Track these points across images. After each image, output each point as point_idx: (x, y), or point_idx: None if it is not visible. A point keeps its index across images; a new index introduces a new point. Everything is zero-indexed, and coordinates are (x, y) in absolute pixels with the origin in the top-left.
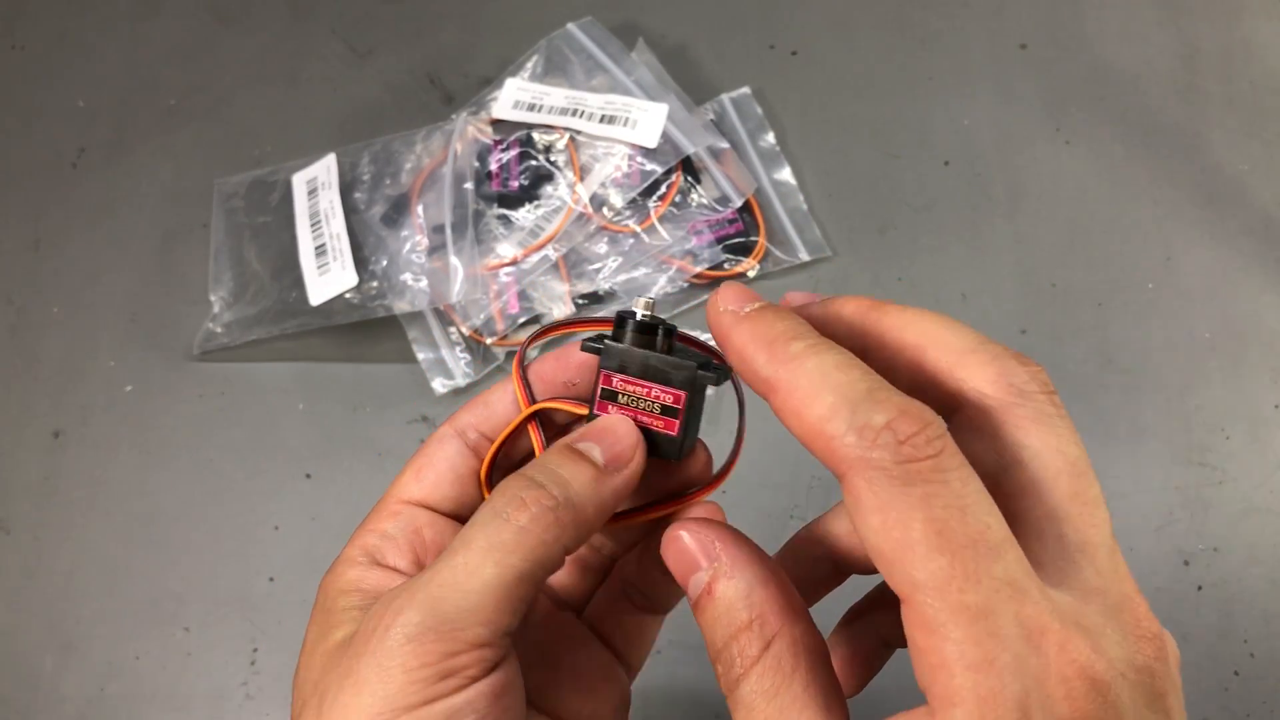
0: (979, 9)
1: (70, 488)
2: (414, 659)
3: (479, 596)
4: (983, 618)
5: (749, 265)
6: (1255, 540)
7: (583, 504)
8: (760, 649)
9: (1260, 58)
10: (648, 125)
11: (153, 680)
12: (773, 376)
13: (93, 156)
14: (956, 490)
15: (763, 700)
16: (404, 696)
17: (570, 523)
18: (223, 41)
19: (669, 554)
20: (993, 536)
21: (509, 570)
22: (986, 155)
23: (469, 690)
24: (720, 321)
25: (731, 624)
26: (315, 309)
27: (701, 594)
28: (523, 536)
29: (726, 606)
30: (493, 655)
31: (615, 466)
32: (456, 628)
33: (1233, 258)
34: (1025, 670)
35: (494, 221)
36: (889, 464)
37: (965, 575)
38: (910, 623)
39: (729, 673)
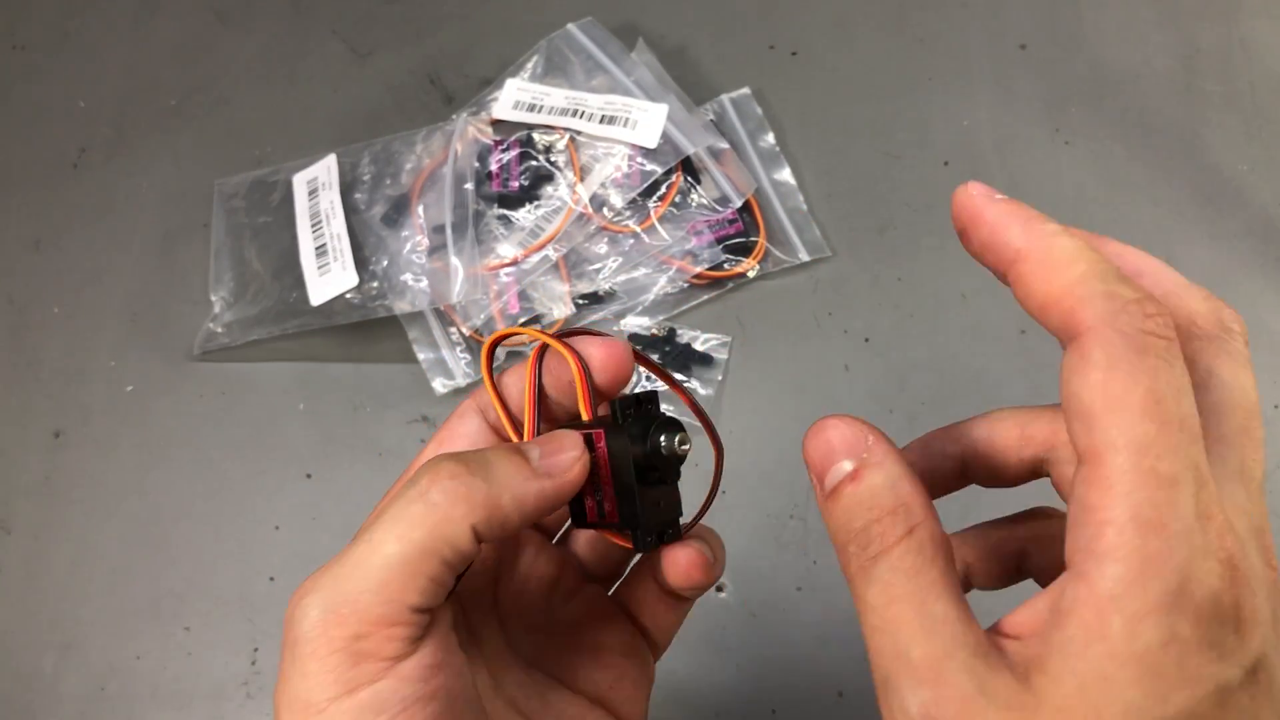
0: (979, 9)
1: (70, 488)
2: (322, 645)
3: (380, 573)
4: (1169, 485)
5: (749, 265)
6: None
7: (499, 490)
8: (904, 532)
9: (1259, 58)
10: (648, 125)
11: (153, 680)
12: (1026, 245)
13: (93, 156)
14: (1179, 376)
15: (903, 577)
16: (323, 688)
17: (482, 503)
18: (223, 41)
19: (813, 445)
20: (1195, 424)
21: (411, 545)
22: (986, 155)
23: (390, 676)
24: (972, 202)
25: (875, 507)
26: (316, 309)
27: (844, 480)
28: (429, 510)
29: (871, 492)
30: (405, 633)
31: (547, 472)
32: (359, 608)
33: (1233, 258)
34: (1193, 541)
35: (494, 222)
36: (1131, 330)
37: (1166, 445)
38: (1088, 481)
39: (864, 552)
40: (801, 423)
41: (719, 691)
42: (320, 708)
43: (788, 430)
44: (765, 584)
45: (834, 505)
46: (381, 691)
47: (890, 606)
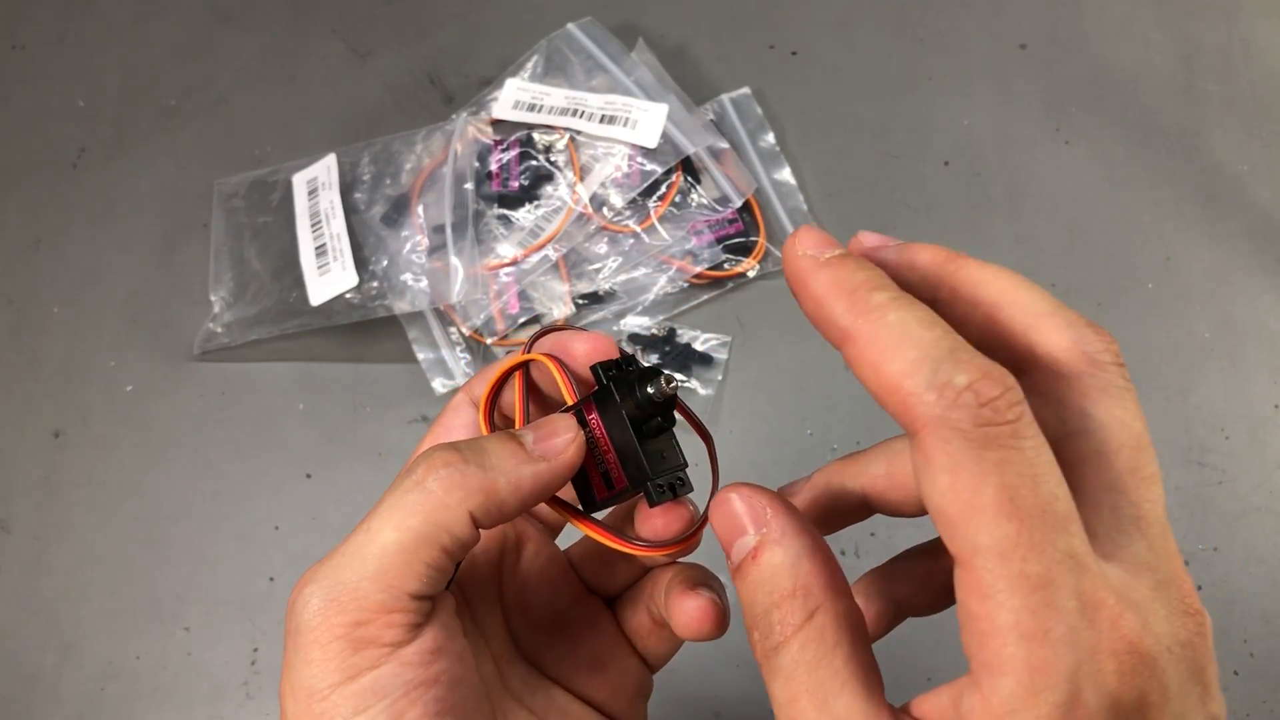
0: (979, 9)
1: (70, 488)
2: (324, 633)
3: (378, 560)
4: (1042, 588)
5: (749, 265)
6: (1255, 540)
7: (494, 475)
8: (803, 619)
9: (1259, 58)
10: (648, 125)
11: (153, 680)
12: (851, 327)
13: (93, 156)
14: (1030, 459)
15: (803, 670)
16: (325, 675)
17: (478, 489)
18: (223, 41)
19: (717, 516)
20: (1060, 508)
21: (408, 533)
22: (986, 155)
23: (391, 661)
24: (798, 266)
25: (775, 591)
26: (315, 309)
27: (745, 559)
28: (425, 498)
29: (771, 573)
30: (405, 619)
31: (543, 455)
32: (358, 596)
33: (1233, 258)
34: (1079, 643)
35: (494, 221)
36: (967, 425)
37: (1030, 544)
38: (965, 586)
39: (766, 640)
40: (802, 422)
41: (719, 691)
42: (323, 694)
43: (787, 430)
44: None
45: (740, 582)
46: (382, 677)
47: (793, 703)
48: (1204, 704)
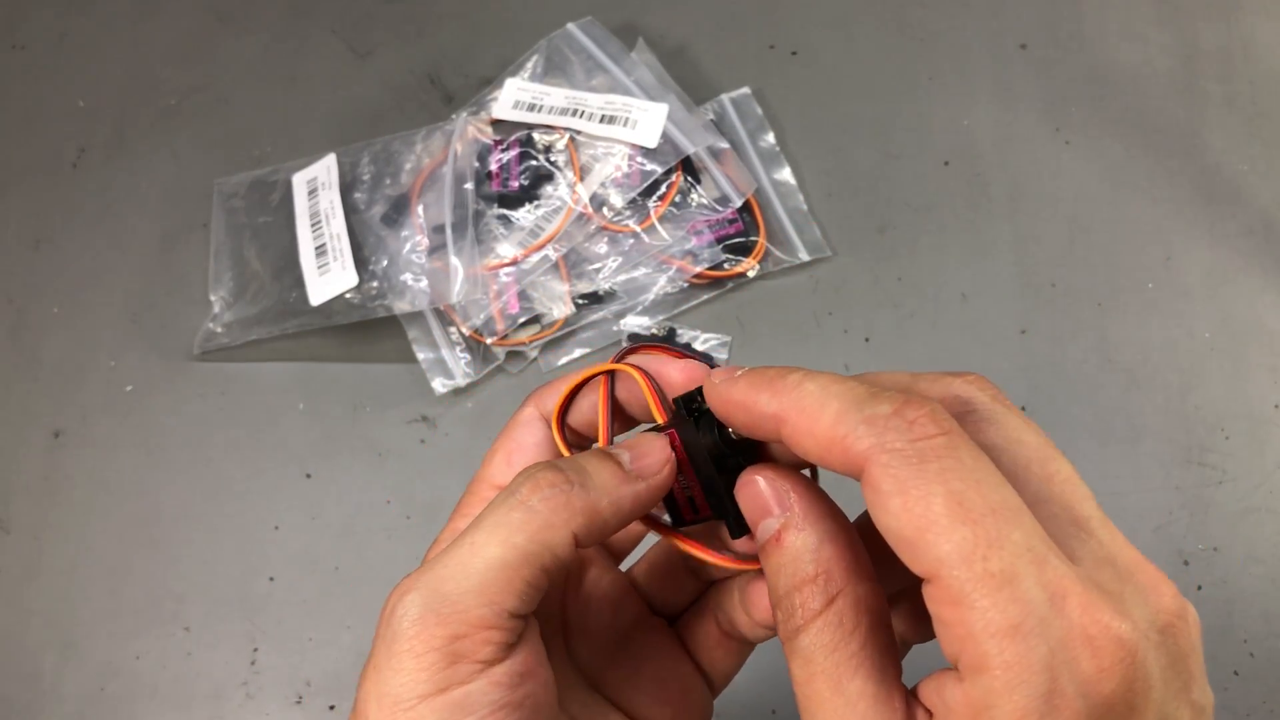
0: (979, 9)
1: (70, 488)
2: (420, 643)
3: (481, 576)
4: (1007, 584)
5: (749, 265)
6: (1255, 540)
7: (598, 495)
8: (823, 604)
9: (1260, 58)
10: (648, 125)
11: (153, 680)
12: (779, 408)
13: (93, 156)
14: (969, 464)
15: (821, 654)
16: (415, 685)
17: (581, 509)
18: (223, 41)
19: (744, 495)
20: (1010, 504)
21: (513, 550)
22: (986, 155)
23: (482, 678)
24: (717, 390)
25: (796, 575)
26: (315, 309)
27: (770, 540)
28: (530, 516)
29: (793, 557)
30: (501, 637)
31: (640, 474)
32: (459, 609)
33: (1233, 258)
34: (1050, 633)
35: (494, 221)
36: (903, 445)
37: (989, 543)
38: (935, 599)
39: (788, 621)
40: None
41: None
42: (409, 704)
43: None
44: None
45: (765, 563)
46: (472, 693)
47: (810, 683)
48: (1188, 692)
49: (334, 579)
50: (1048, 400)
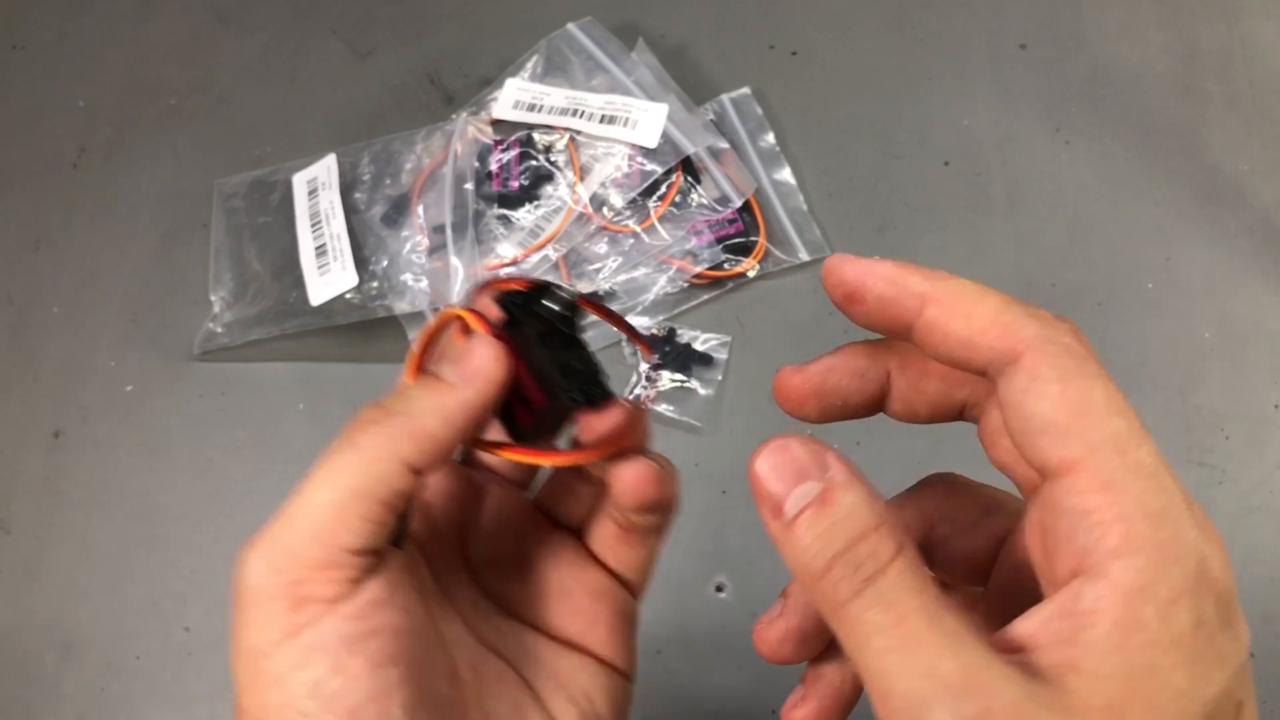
0: (979, 9)
1: (70, 488)
2: (263, 594)
3: (311, 520)
4: (1156, 476)
5: (749, 265)
6: (1255, 540)
7: (421, 416)
8: (895, 549)
9: (1260, 58)
10: (648, 125)
11: (153, 680)
12: (931, 289)
13: (93, 156)
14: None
15: (908, 593)
16: (268, 634)
17: (407, 434)
18: (223, 41)
19: (772, 463)
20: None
21: (340, 490)
22: (986, 155)
23: (331, 616)
24: (853, 265)
25: (856, 528)
26: (316, 309)
27: (812, 504)
28: (355, 454)
29: (848, 512)
30: (343, 574)
31: (467, 380)
32: (295, 554)
33: (1233, 258)
34: (1196, 520)
35: (494, 221)
36: (1068, 343)
37: (1140, 438)
38: (1077, 489)
39: (854, 575)
40: (801, 423)
41: (719, 691)
42: (266, 654)
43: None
44: (765, 584)
45: (801, 532)
46: (322, 631)
47: (903, 624)
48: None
49: None
50: None
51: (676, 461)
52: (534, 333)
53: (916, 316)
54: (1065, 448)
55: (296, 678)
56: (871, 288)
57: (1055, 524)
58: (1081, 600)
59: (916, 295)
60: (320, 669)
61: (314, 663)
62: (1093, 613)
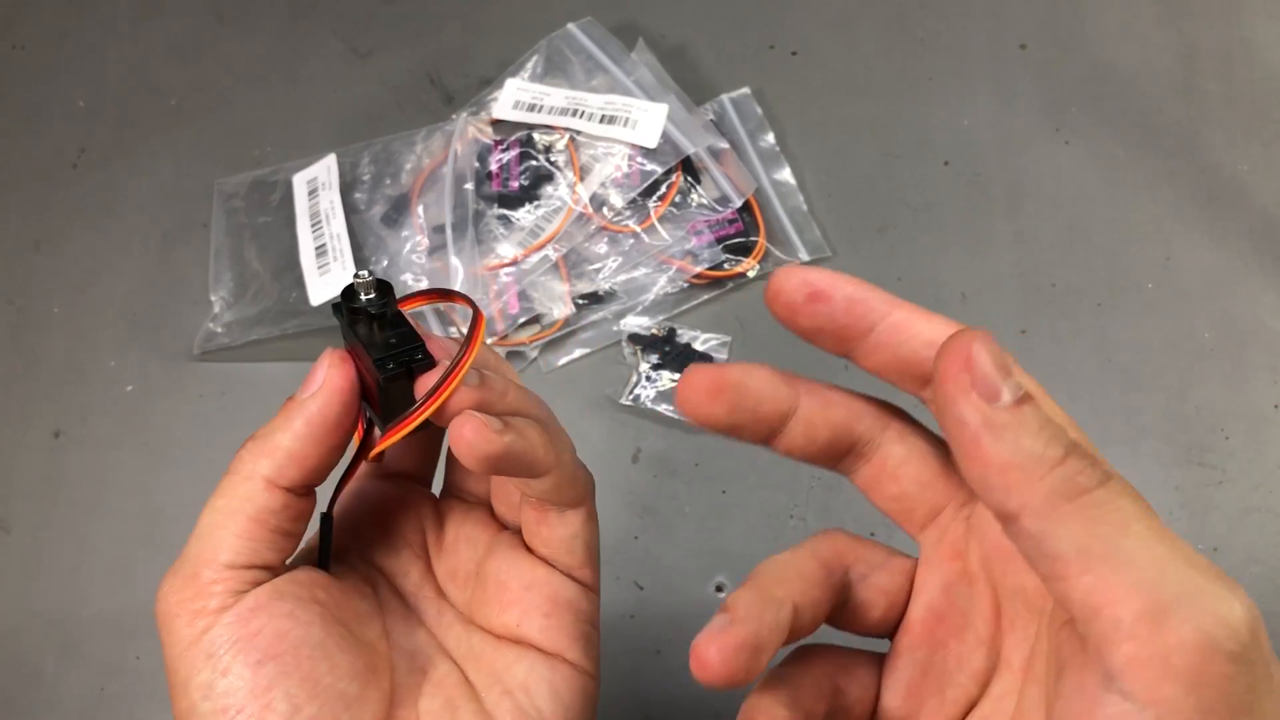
0: (979, 9)
1: (70, 488)
2: (169, 614)
3: (197, 542)
4: None
5: (749, 265)
6: (1255, 540)
7: (273, 434)
8: (1107, 471)
9: (1260, 58)
10: (648, 125)
11: (153, 680)
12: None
13: (93, 156)
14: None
15: (1129, 500)
16: (173, 649)
17: (263, 453)
18: (223, 41)
19: (991, 349)
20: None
21: (217, 512)
22: (986, 155)
23: (217, 625)
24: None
25: (1067, 437)
26: (316, 309)
27: (1021, 400)
28: (227, 479)
29: (1052, 414)
30: (226, 587)
31: (310, 391)
32: (190, 577)
33: (1233, 258)
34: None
35: (494, 221)
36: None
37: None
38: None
39: (1091, 469)
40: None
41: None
42: (174, 666)
43: None
44: None
45: (1030, 418)
46: (211, 639)
47: (1153, 516)
48: None
49: None
50: None
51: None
52: (365, 328)
53: (883, 317)
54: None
55: (194, 682)
56: (841, 288)
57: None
58: None
59: (884, 299)
60: (209, 672)
61: (205, 667)
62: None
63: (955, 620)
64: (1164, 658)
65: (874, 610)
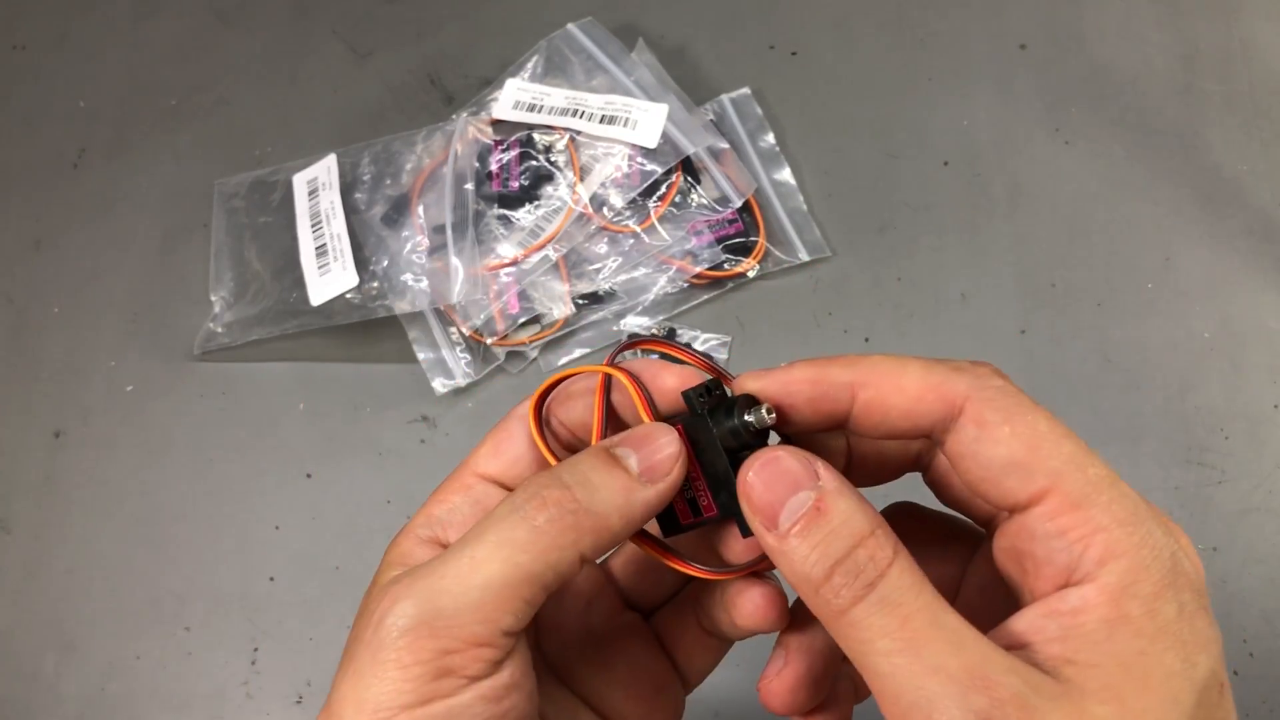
0: (979, 9)
1: (70, 488)
2: (409, 655)
3: (480, 593)
4: (1115, 484)
5: (749, 265)
6: (1255, 540)
7: (606, 512)
8: (893, 551)
9: (1260, 58)
10: (648, 125)
11: (153, 680)
12: (855, 375)
13: (93, 156)
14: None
15: (910, 594)
16: (399, 695)
17: (590, 529)
18: (223, 41)
19: (764, 477)
20: None
21: (515, 569)
22: (986, 155)
23: (466, 693)
24: (773, 375)
25: (854, 533)
26: (316, 309)
27: (806, 514)
28: (536, 536)
29: (845, 518)
30: (492, 655)
31: (650, 478)
32: (453, 624)
33: (1232, 258)
34: (1160, 520)
35: (494, 222)
36: (999, 384)
37: (1087, 453)
38: (1050, 513)
39: (856, 580)
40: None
41: (719, 691)
42: (389, 713)
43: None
44: None
45: (799, 542)
46: (454, 707)
47: (906, 625)
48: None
49: (334, 579)
50: (1047, 400)
51: None
52: (722, 441)
53: (850, 405)
54: (1031, 481)
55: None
56: (798, 394)
57: (1032, 548)
58: (1067, 601)
59: (844, 385)
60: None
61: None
62: (1080, 611)
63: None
64: None
65: None
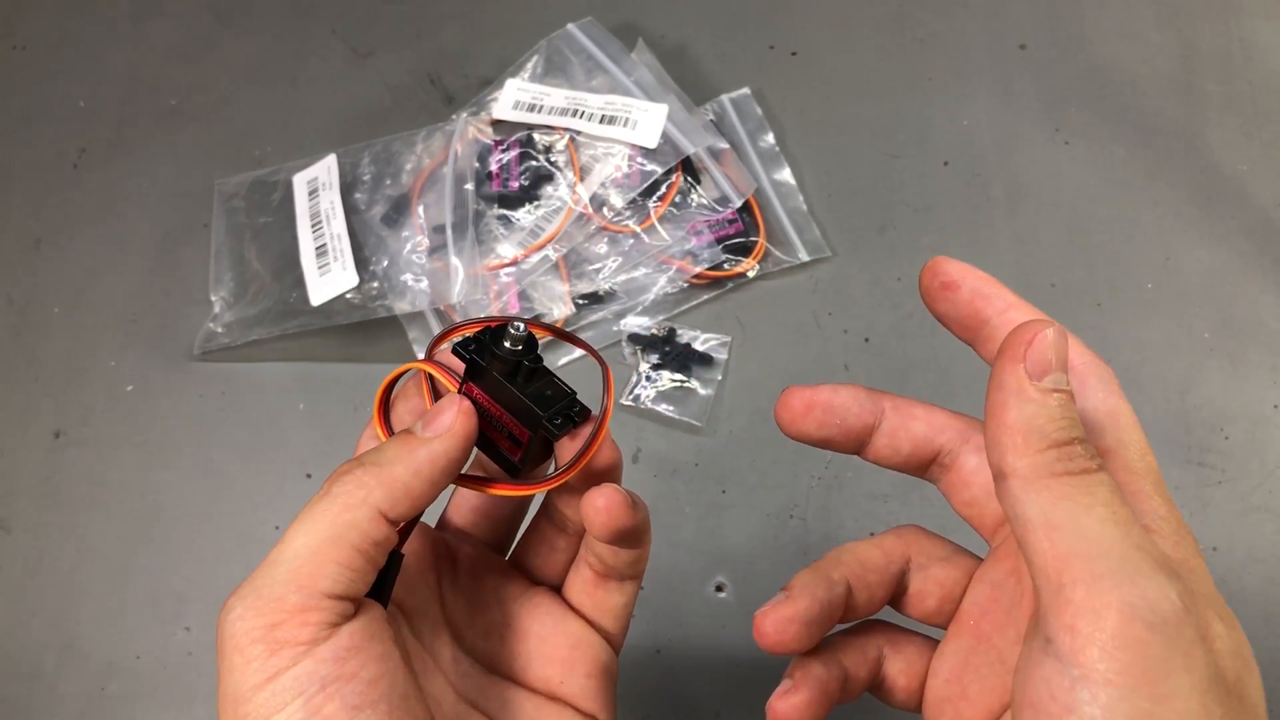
0: (979, 9)
1: (71, 488)
2: (243, 639)
3: (289, 565)
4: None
5: (749, 265)
6: (1255, 540)
7: (393, 467)
8: (1099, 465)
9: (1259, 58)
10: (648, 125)
11: (153, 680)
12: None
13: (93, 156)
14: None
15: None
16: (247, 679)
17: (379, 484)
18: (223, 41)
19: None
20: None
21: (316, 536)
22: (986, 155)
23: (307, 660)
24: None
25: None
26: (316, 309)
27: (1064, 391)
28: (331, 503)
29: (1082, 414)
30: (320, 618)
31: (434, 433)
32: (273, 599)
33: (1232, 258)
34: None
35: (494, 222)
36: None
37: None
38: None
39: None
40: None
41: (719, 691)
42: (246, 697)
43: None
44: (765, 584)
45: (1054, 403)
46: (299, 674)
47: (1123, 503)
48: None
49: None
50: None
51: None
52: (499, 372)
53: (1000, 314)
54: None
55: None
56: (969, 281)
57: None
58: None
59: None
60: (297, 712)
61: (291, 706)
62: None
63: (999, 616)
64: (1090, 622)
65: (929, 599)
